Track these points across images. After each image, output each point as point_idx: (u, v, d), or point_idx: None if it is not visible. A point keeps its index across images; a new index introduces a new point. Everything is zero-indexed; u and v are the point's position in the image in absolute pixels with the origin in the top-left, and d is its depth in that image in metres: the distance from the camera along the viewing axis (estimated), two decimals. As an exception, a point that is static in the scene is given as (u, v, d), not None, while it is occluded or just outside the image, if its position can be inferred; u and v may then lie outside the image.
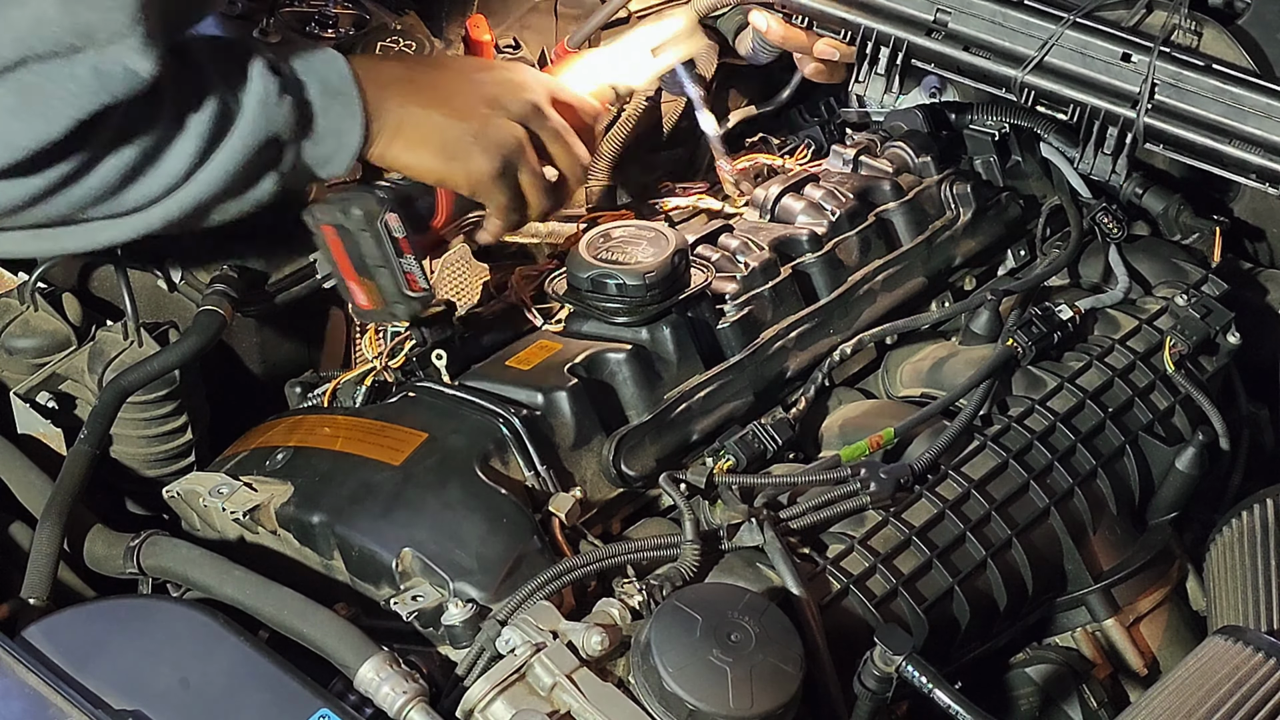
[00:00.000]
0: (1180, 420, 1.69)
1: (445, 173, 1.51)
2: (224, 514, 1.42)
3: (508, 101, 1.53)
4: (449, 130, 1.49)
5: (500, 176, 1.52)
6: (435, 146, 1.49)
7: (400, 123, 1.47)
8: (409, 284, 1.49)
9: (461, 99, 1.51)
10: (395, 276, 1.49)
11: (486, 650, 1.25)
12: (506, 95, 1.54)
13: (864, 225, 1.74)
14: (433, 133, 1.49)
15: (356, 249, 1.48)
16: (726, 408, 1.57)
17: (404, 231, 1.49)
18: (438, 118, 1.49)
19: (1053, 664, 1.52)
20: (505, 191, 1.53)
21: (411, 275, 1.49)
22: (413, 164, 1.50)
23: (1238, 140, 1.63)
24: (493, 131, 1.51)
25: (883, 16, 1.77)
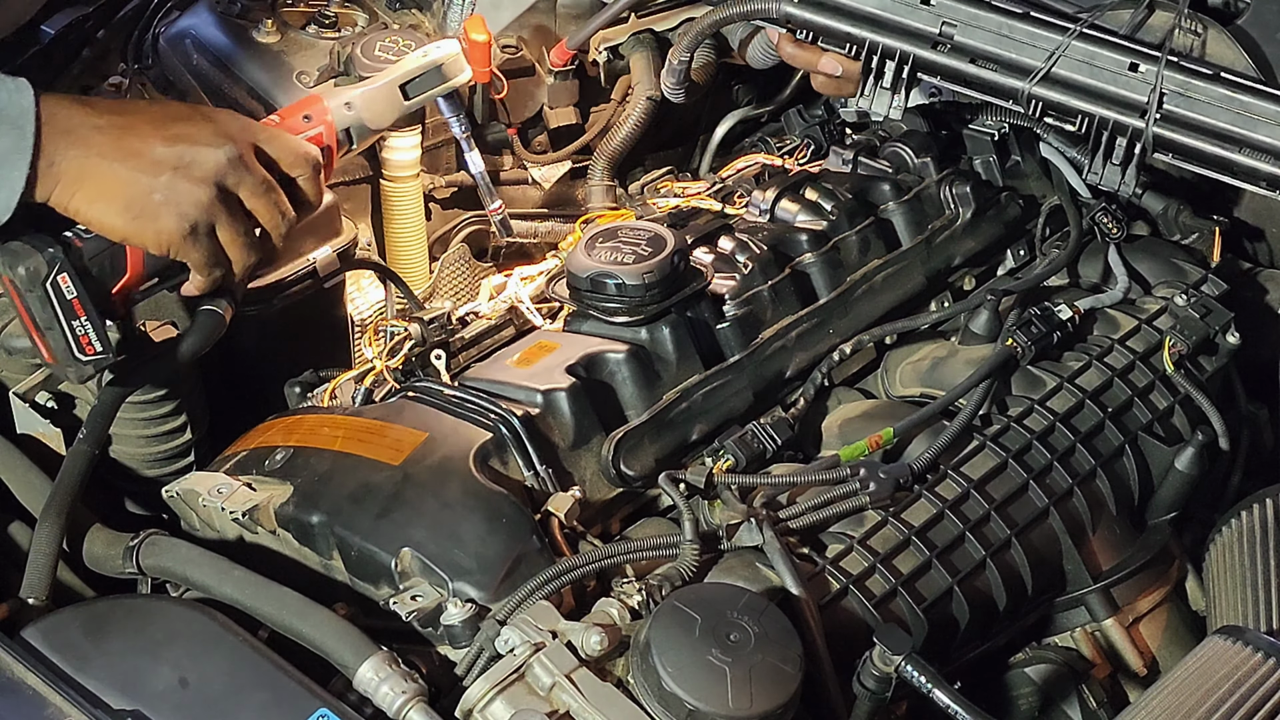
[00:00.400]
0: (1180, 420, 1.69)
1: (130, 231, 1.39)
2: (223, 514, 1.42)
3: (202, 157, 1.40)
4: (134, 186, 1.37)
5: (192, 236, 1.40)
6: (120, 203, 1.37)
7: (83, 172, 1.36)
8: (81, 347, 1.39)
9: (151, 152, 1.38)
10: (65, 338, 1.39)
11: (486, 650, 1.25)
12: (201, 150, 1.40)
13: (863, 225, 1.74)
14: (117, 187, 1.37)
15: (28, 305, 1.39)
16: (726, 407, 1.57)
17: (78, 292, 1.38)
18: (123, 171, 1.37)
19: (1052, 664, 1.52)
20: (200, 250, 1.42)
21: (85, 338, 1.39)
22: (95, 219, 1.38)
23: (1248, 148, 1.63)
24: (182, 189, 1.39)
25: (887, 30, 1.77)
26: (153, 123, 1.41)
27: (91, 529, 1.44)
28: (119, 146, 1.37)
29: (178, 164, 1.39)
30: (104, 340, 1.40)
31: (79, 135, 1.36)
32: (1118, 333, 1.72)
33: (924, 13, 1.76)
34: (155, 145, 1.39)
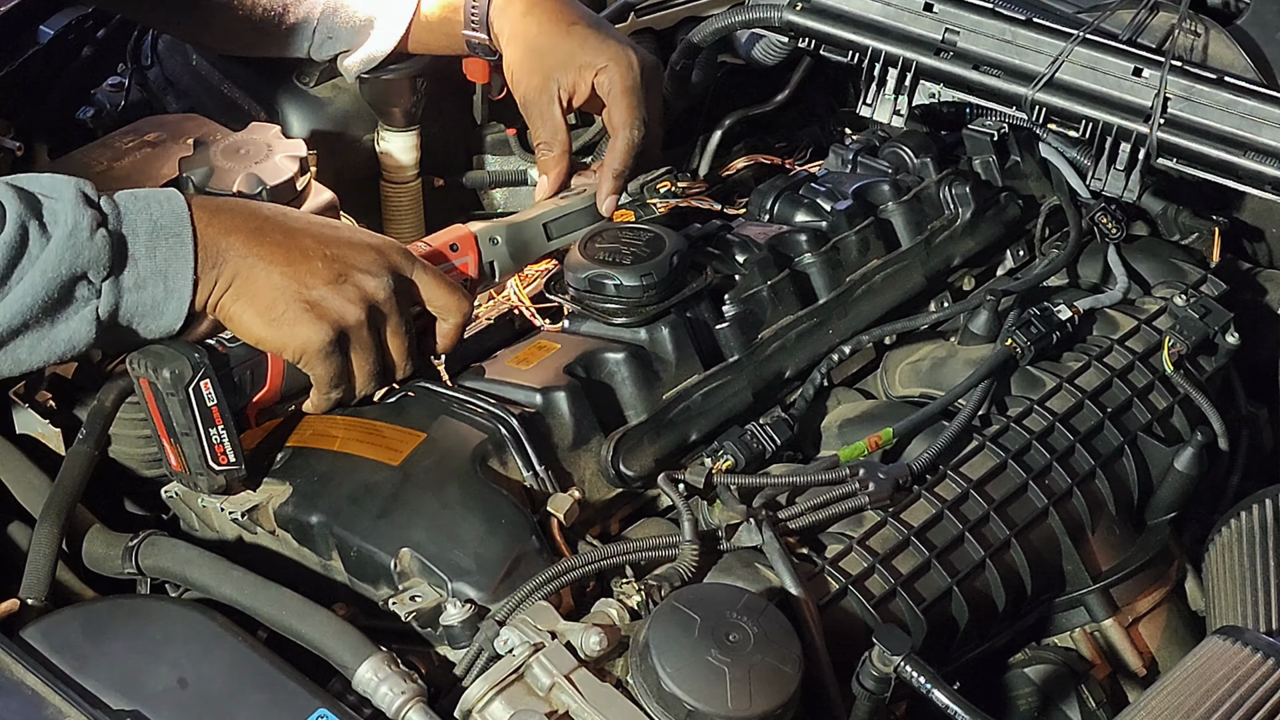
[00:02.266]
0: (1179, 420, 1.69)
1: (272, 334, 1.38)
2: (222, 514, 1.42)
3: (360, 279, 1.41)
4: (287, 292, 1.37)
5: (329, 351, 1.40)
6: (270, 307, 1.37)
7: (237, 273, 1.36)
8: (215, 456, 1.38)
9: (311, 264, 1.38)
10: (201, 446, 1.37)
11: (485, 650, 1.25)
12: (361, 273, 1.41)
13: (863, 225, 1.74)
14: (271, 292, 1.37)
15: (165, 410, 1.38)
16: (725, 408, 1.57)
17: (218, 399, 1.37)
18: (280, 278, 1.37)
19: (1051, 664, 1.52)
20: (331, 367, 1.41)
21: (220, 447, 1.38)
22: (242, 320, 1.38)
23: (1252, 152, 1.63)
24: (334, 303, 1.39)
25: (890, 37, 1.77)
26: (317, 236, 1.41)
27: (91, 529, 1.44)
28: (280, 253, 1.38)
29: (335, 279, 1.39)
30: (237, 450, 1.40)
31: (239, 237, 1.37)
32: (1117, 333, 1.72)
33: (926, 19, 1.77)
34: (316, 258, 1.39)
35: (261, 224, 1.39)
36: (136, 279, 1.33)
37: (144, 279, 1.33)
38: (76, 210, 1.29)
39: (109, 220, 1.31)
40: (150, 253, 1.33)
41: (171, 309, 1.35)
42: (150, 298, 1.33)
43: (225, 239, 1.36)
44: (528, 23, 1.75)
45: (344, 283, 1.40)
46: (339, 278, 1.39)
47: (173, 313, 1.35)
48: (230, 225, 1.37)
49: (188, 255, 1.34)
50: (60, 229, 1.28)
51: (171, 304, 1.34)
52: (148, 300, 1.34)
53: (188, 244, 1.34)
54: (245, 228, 1.38)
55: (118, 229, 1.32)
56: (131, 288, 1.32)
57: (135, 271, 1.32)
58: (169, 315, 1.35)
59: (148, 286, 1.33)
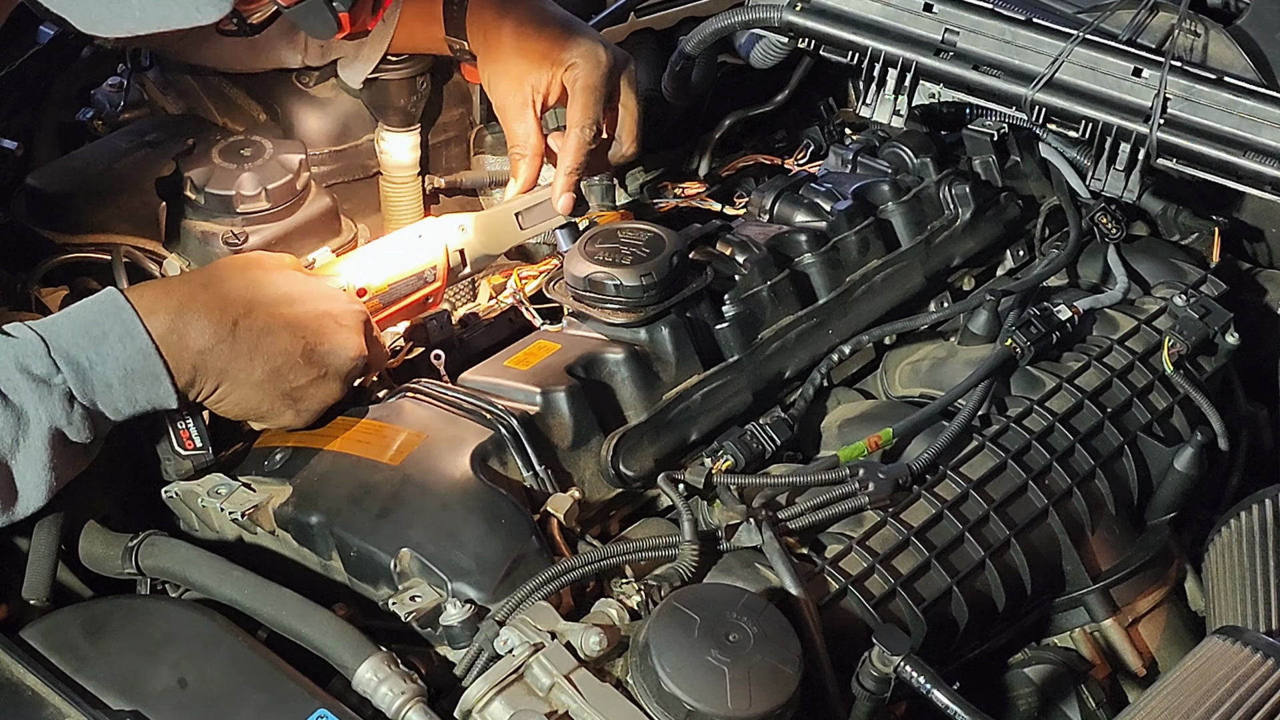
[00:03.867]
0: (1179, 420, 1.69)
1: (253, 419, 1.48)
2: (222, 514, 1.42)
3: (339, 366, 1.47)
4: (270, 391, 1.44)
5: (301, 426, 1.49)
6: (253, 407, 1.45)
7: (220, 383, 1.42)
8: (181, 441, 1.44)
9: (290, 361, 1.44)
10: (167, 432, 1.44)
11: (485, 650, 1.25)
12: (339, 359, 1.47)
13: (863, 225, 1.74)
14: (254, 394, 1.43)
15: None
16: (725, 408, 1.57)
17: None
18: (260, 376, 1.43)
19: (1051, 664, 1.52)
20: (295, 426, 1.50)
21: (185, 433, 1.44)
22: (226, 412, 1.45)
23: (1252, 152, 1.63)
24: (316, 396, 1.47)
25: (889, 38, 1.77)
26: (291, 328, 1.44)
27: (90, 529, 1.44)
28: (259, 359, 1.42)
29: (317, 375, 1.46)
30: (203, 437, 1.44)
31: (216, 354, 1.40)
32: (1117, 333, 1.72)
33: (926, 20, 1.77)
34: (295, 353, 1.44)
35: (232, 329, 1.41)
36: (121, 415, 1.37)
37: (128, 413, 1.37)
38: (42, 400, 1.31)
39: (77, 393, 1.33)
40: (130, 400, 1.37)
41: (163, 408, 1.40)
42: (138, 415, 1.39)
43: (199, 358, 1.39)
44: (501, 27, 1.75)
45: (324, 376, 1.46)
46: (319, 372, 1.46)
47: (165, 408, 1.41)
48: (201, 343, 1.39)
49: (167, 389, 1.38)
50: (35, 427, 1.31)
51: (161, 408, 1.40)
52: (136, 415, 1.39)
53: (163, 380, 1.37)
54: (217, 337, 1.40)
55: (89, 397, 1.34)
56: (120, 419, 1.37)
57: (119, 413, 1.37)
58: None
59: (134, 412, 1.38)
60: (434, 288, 1.64)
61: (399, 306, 1.61)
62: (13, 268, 1.70)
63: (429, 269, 1.63)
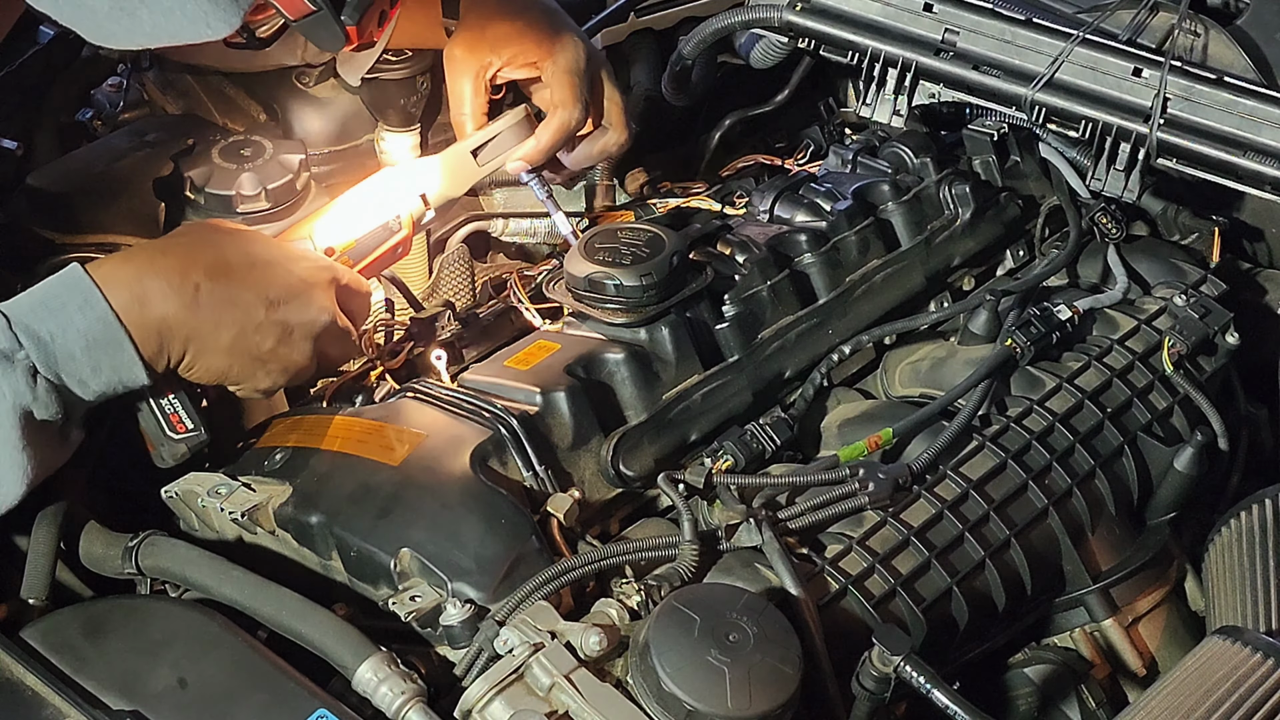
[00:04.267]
0: (1179, 420, 1.68)
1: (229, 385, 1.46)
2: (222, 514, 1.42)
3: (304, 323, 1.45)
4: (237, 351, 1.42)
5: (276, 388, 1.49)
6: (220, 366, 1.42)
7: (186, 347, 1.39)
8: (172, 425, 1.43)
9: (254, 318, 1.42)
10: (155, 416, 1.43)
11: (485, 650, 1.25)
12: (303, 314, 1.45)
13: (863, 225, 1.74)
14: (219, 354, 1.41)
15: None
16: (725, 408, 1.57)
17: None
18: (227, 339, 1.41)
19: (1051, 664, 1.52)
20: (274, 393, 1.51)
21: (175, 415, 1.43)
22: (192, 377, 1.43)
23: (1253, 153, 1.63)
24: (283, 355, 1.45)
25: (889, 37, 1.77)
26: (257, 288, 1.43)
27: (90, 529, 1.44)
28: (224, 320, 1.40)
29: (281, 333, 1.44)
30: (194, 418, 1.43)
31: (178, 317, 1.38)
32: (1117, 333, 1.72)
33: (926, 20, 1.77)
34: (258, 312, 1.42)
35: (195, 292, 1.39)
36: (91, 392, 1.35)
37: (98, 389, 1.35)
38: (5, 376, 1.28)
39: (40, 366, 1.31)
40: (95, 369, 1.34)
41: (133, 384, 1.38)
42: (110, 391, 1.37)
43: (163, 323, 1.37)
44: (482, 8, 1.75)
45: (290, 335, 1.45)
46: (285, 332, 1.44)
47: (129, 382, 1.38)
48: (164, 309, 1.37)
49: (131, 356, 1.35)
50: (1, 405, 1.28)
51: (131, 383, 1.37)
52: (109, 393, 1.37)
53: (127, 347, 1.35)
54: (180, 302, 1.38)
55: (53, 369, 1.31)
56: (91, 397, 1.35)
57: (86, 388, 1.34)
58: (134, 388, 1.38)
59: (104, 388, 1.36)
60: (401, 236, 1.62)
61: (369, 260, 1.60)
62: (13, 268, 1.69)
63: (393, 220, 1.62)
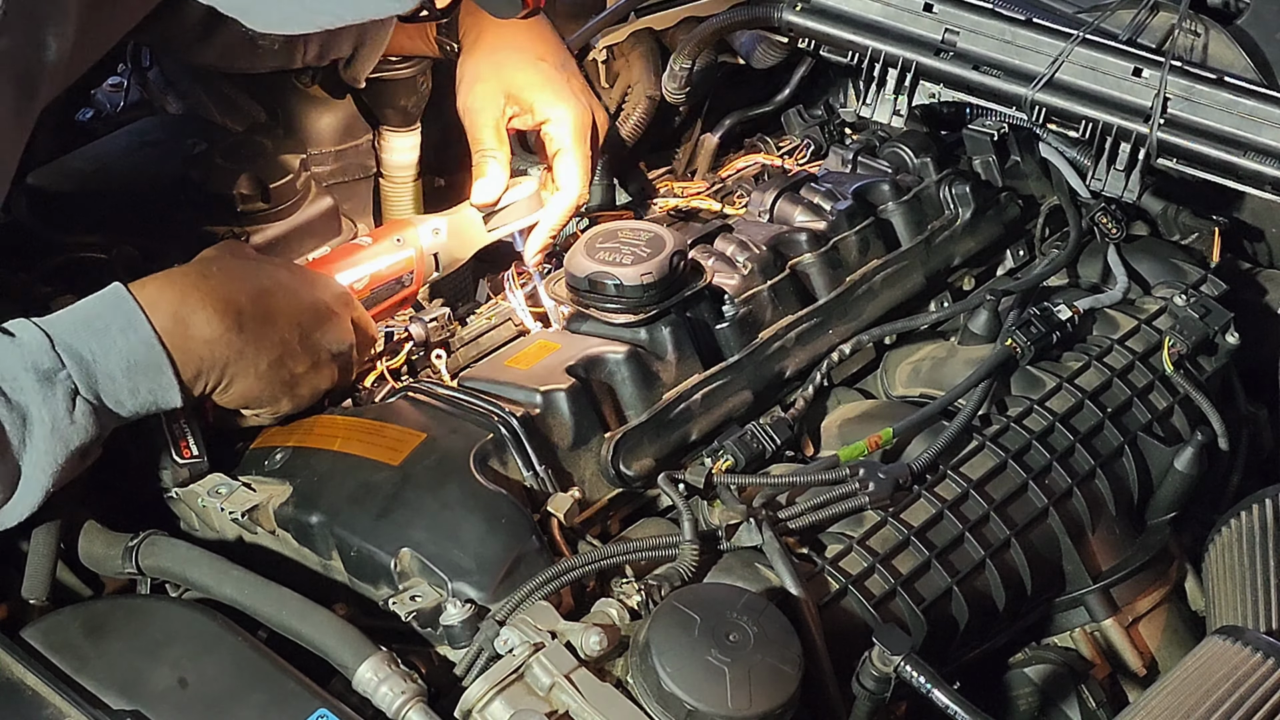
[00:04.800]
0: (1179, 420, 1.69)
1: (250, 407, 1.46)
2: (222, 514, 1.42)
3: (331, 346, 1.48)
4: (274, 380, 1.44)
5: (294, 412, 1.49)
6: (255, 395, 1.44)
7: (224, 375, 1.41)
8: (179, 449, 1.43)
9: (290, 347, 1.45)
10: (167, 439, 1.43)
11: (485, 650, 1.25)
12: (332, 343, 1.49)
13: (863, 225, 1.75)
14: (257, 384, 1.43)
15: None
16: (725, 408, 1.57)
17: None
18: (265, 367, 1.43)
19: (1051, 664, 1.52)
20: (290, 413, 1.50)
21: (184, 441, 1.44)
22: (223, 401, 1.44)
23: (1253, 153, 1.63)
24: (311, 381, 1.47)
25: (889, 37, 1.77)
26: (289, 316, 1.45)
27: (90, 529, 1.44)
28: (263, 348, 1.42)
29: (312, 362, 1.47)
30: (200, 445, 1.44)
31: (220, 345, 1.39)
32: (1117, 333, 1.72)
33: (926, 20, 1.77)
34: (294, 341, 1.45)
35: (238, 318, 1.41)
36: (127, 411, 1.35)
37: (133, 409, 1.36)
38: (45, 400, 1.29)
39: (80, 387, 1.31)
40: (133, 392, 1.35)
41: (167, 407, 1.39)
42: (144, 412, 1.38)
43: (206, 348, 1.39)
44: (499, 32, 1.73)
45: (320, 362, 1.47)
46: (316, 359, 1.47)
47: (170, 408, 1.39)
48: (207, 333, 1.39)
49: (170, 380, 1.36)
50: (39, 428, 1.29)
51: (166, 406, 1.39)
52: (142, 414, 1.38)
53: (167, 371, 1.36)
54: (224, 326, 1.39)
55: (93, 390, 1.32)
56: (126, 415, 1.36)
57: (123, 408, 1.35)
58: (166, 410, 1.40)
59: (140, 409, 1.36)
60: (409, 290, 1.64)
61: (377, 309, 1.62)
62: (13, 268, 1.70)
63: (406, 273, 1.63)
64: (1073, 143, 1.87)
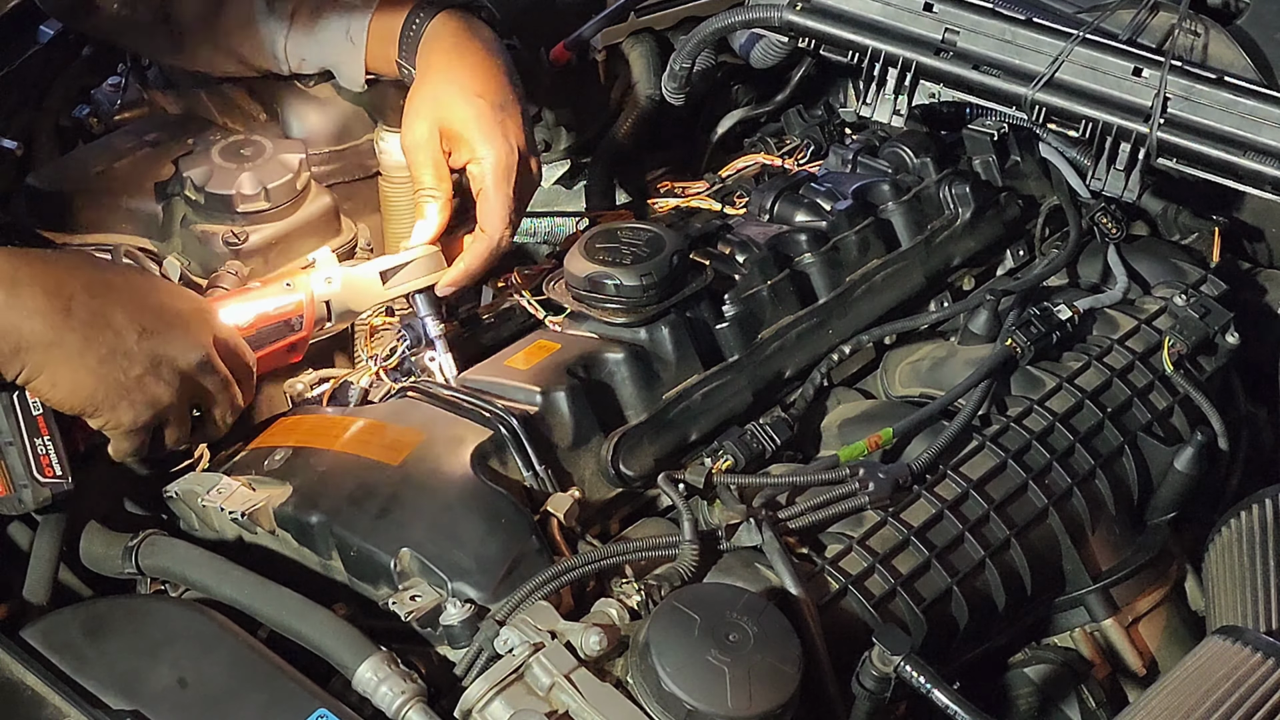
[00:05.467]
0: (1179, 420, 1.68)
1: (86, 413, 1.37)
2: (222, 514, 1.42)
3: (174, 355, 1.39)
4: (104, 377, 1.35)
5: (142, 428, 1.40)
6: (84, 391, 1.35)
7: (48, 361, 1.32)
8: (41, 467, 1.35)
9: (125, 343, 1.36)
10: (26, 454, 1.35)
11: (485, 650, 1.25)
12: (174, 347, 1.39)
13: (863, 225, 1.74)
14: (84, 375, 1.34)
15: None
16: (725, 407, 1.57)
17: (44, 409, 1.36)
18: (93, 362, 1.34)
19: (1051, 664, 1.52)
20: (135, 440, 1.41)
21: (46, 458, 1.36)
22: (53, 398, 1.35)
23: (1253, 152, 1.63)
24: (149, 389, 1.38)
25: (889, 37, 1.77)
26: (128, 310, 1.37)
27: (90, 529, 1.44)
28: (92, 337, 1.34)
29: (150, 363, 1.38)
30: (64, 465, 1.37)
31: (45, 322, 1.32)
32: (1117, 333, 1.72)
33: (926, 19, 1.76)
34: (130, 338, 1.36)
35: (68, 302, 1.33)
36: None
37: None
38: None
39: None
40: None
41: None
42: None
43: (27, 322, 1.31)
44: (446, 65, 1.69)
45: (160, 369, 1.39)
46: (154, 363, 1.38)
47: None
48: (33, 306, 1.31)
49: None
50: None
51: None
52: None
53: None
54: (48, 306, 1.32)
55: None
56: None
57: None
58: None
59: None
60: (299, 335, 1.59)
61: (264, 352, 1.56)
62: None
63: (295, 316, 1.58)
64: (1073, 142, 1.87)
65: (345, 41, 1.79)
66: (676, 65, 1.94)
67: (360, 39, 1.78)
